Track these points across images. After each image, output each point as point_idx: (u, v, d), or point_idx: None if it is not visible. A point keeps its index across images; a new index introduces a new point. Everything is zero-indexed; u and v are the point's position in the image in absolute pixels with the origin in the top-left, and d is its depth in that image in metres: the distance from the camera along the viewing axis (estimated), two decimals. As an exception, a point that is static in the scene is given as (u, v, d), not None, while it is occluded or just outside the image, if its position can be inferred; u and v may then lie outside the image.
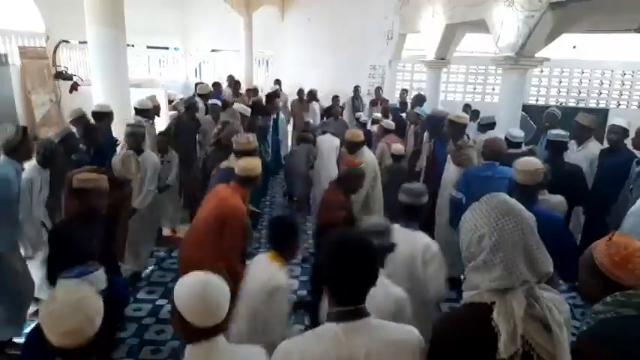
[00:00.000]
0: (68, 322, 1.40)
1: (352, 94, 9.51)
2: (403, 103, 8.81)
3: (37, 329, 1.65)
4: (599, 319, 1.50)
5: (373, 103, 9.19)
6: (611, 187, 3.90)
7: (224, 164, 3.79)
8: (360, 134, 4.35)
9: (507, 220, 1.22)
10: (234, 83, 9.08)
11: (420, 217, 2.64)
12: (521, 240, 1.20)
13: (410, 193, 2.58)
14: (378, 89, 9.65)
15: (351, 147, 4.21)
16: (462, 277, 4.51)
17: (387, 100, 9.04)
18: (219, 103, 6.50)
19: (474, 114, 7.74)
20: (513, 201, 1.29)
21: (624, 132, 4.22)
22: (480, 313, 1.20)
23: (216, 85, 8.63)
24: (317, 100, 9.19)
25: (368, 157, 4.29)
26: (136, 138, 4.25)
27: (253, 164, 3.12)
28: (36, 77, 7.63)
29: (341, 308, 1.33)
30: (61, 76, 8.14)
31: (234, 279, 2.95)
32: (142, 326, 3.74)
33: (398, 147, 5.04)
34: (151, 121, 5.49)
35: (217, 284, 1.53)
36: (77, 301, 1.45)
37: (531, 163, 2.75)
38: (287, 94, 9.66)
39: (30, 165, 3.52)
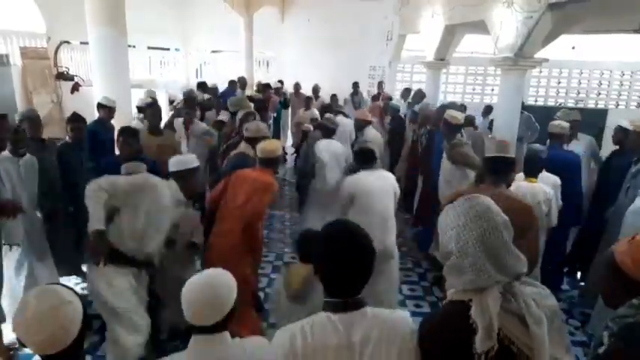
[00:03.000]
0: (41, 332, 1.28)
1: (351, 90, 9.56)
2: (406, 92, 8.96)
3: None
4: (625, 323, 1.45)
5: (375, 98, 9.19)
6: (615, 187, 3.93)
7: (234, 151, 3.92)
8: (367, 114, 5.50)
9: (474, 225, 1.23)
10: (244, 84, 9.19)
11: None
12: (488, 246, 1.22)
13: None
14: (381, 83, 9.68)
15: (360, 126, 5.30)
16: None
17: (390, 97, 9.08)
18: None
19: (487, 109, 7.90)
20: (487, 204, 1.29)
21: (625, 132, 4.24)
22: (459, 311, 1.24)
23: (232, 82, 8.69)
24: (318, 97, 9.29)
25: (374, 134, 5.37)
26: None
27: (274, 145, 3.26)
28: (37, 78, 7.67)
29: (337, 299, 1.34)
30: (63, 76, 8.17)
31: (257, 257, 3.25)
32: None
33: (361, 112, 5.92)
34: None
35: (220, 286, 1.56)
36: (50, 310, 1.31)
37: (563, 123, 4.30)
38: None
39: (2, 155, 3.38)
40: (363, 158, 3.52)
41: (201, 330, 1.53)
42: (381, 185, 3.37)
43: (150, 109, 4.87)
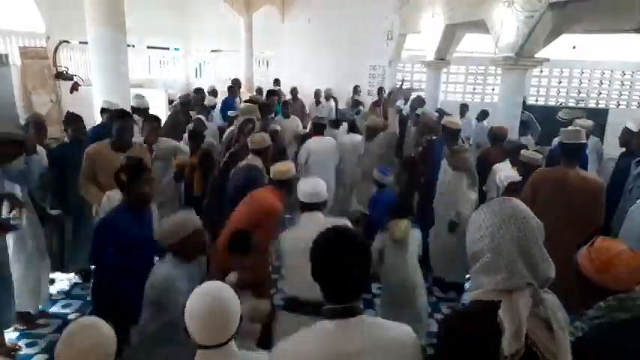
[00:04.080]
0: None
1: (352, 94, 9.52)
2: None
3: None
4: (593, 324, 1.48)
5: (375, 104, 9.13)
6: (622, 189, 3.89)
7: (242, 163, 3.84)
8: (378, 121, 5.51)
9: (510, 226, 1.23)
10: (239, 85, 9.10)
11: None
12: (522, 246, 1.22)
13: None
14: (380, 90, 9.63)
15: (371, 134, 5.25)
16: (464, 281, 4.45)
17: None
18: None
19: (483, 114, 7.85)
20: (522, 207, 1.30)
21: (631, 133, 4.21)
22: (486, 310, 1.22)
23: (232, 89, 8.59)
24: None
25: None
26: None
27: (287, 167, 3.23)
28: (36, 77, 7.66)
29: (333, 305, 1.33)
30: (62, 76, 8.16)
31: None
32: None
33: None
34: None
35: (226, 303, 1.50)
36: (91, 347, 1.51)
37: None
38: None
39: None
40: (317, 128, 5.40)
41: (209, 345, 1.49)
42: (324, 147, 5.18)
43: (120, 121, 3.67)
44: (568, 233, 3.17)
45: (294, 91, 9.13)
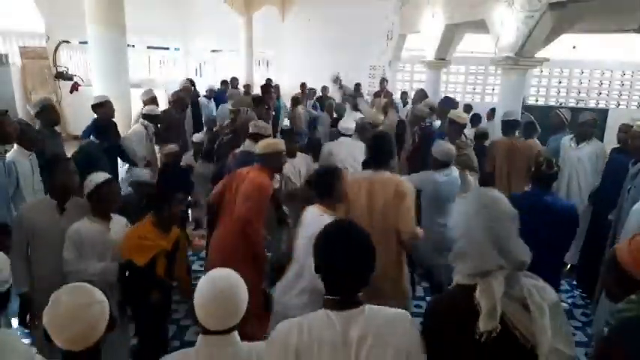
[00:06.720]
0: (70, 329, 1.36)
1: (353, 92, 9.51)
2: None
3: None
4: (622, 317, 1.46)
5: (377, 95, 9.13)
6: (618, 186, 3.89)
7: (240, 149, 3.85)
8: (380, 118, 5.20)
9: (481, 214, 1.35)
10: (236, 83, 9.10)
11: None
12: (493, 234, 1.32)
13: None
14: (383, 80, 9.60)
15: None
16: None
17: (392, 94, 9.03)
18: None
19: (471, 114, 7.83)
20: (495, 196, 1.41)
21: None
22: (465, 294, 1.32)
23: (225, 82, 8.62)
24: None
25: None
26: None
27: (274, 141, 3.23)
28: (36, 77, 7.66)
29: (336, 297, 1.35)
30: (62, 76, 8.17)
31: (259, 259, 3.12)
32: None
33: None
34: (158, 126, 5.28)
35: (235, 290, 1.51)
36: (80, 308, 1.39)
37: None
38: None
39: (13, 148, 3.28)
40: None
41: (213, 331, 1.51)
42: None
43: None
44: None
45: (303, 87, 9.04)
